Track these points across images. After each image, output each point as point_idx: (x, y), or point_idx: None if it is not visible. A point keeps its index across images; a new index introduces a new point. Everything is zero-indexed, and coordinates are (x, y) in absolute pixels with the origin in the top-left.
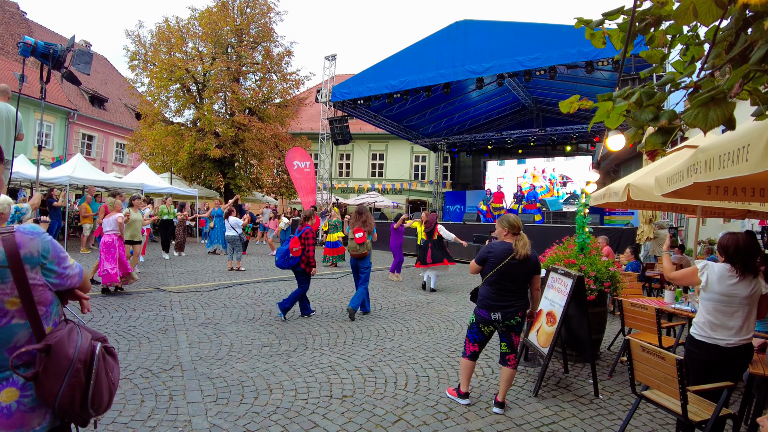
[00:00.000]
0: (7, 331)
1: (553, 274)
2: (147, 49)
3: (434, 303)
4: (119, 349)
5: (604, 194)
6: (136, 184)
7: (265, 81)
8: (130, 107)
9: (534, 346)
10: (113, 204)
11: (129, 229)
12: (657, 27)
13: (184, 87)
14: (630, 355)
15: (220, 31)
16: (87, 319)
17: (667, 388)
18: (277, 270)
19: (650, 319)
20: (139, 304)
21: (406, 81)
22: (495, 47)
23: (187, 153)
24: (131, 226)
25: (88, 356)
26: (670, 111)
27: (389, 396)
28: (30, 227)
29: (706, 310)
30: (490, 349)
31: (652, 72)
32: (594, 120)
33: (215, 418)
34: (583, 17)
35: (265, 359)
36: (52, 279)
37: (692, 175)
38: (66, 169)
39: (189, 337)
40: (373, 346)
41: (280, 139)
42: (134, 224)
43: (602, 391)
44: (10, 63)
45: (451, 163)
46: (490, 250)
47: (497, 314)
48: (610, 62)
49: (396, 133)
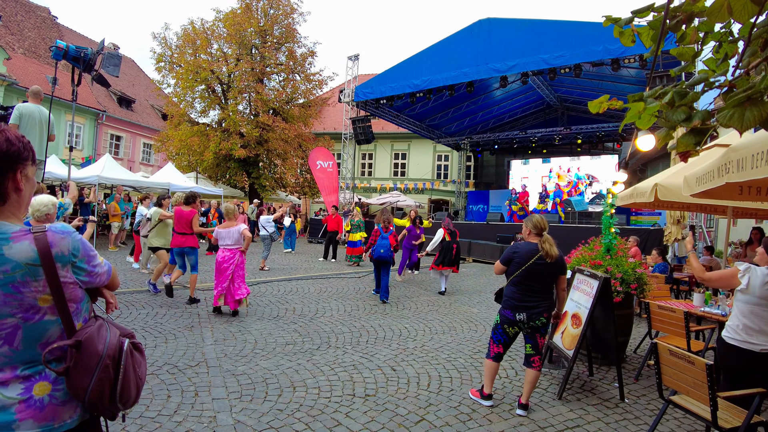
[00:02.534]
0: (40, 326)
1: (579, 276)
2: (173, 51)
3: (457, 303)
4: (146, 345)
5: (630, 194)
6: (163, 184)
7: (288, 81)
8: (156, 108)
9: (559, 348)
10: (231, 212)
11: (163, 234)
12: (689, 24)
13: (209, 88)
14: (657, 358)
15: (244, 32)
16: (115, 316)
17: (696, 393)
18: (300, 269)
19: (678, 322)
20: (166, 302)
21: (429, 80)
22: (519, 45)
23: (213, 153)
24: (164, 230)
25: (116, 352)
26: (704, 111)
27: (412, 396)
28: (61, 226)
29: (742, 314)
30: (514, 351)
31: (683, 70)
32: (625, 121)
33: (239, 414)
34: (611, 15)
35: (288, 357)
36: (82, 277)
37: (724, 174)
38: (95, 169)
39: (214, 334)
40: (396, 346)
41: (303, 139)
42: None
43: (628, 395)
44: (42, 66)
45: (474, 162)
46: (516, 250)
47: (522, 315)
48: (637, 59)
49: (418, 132)
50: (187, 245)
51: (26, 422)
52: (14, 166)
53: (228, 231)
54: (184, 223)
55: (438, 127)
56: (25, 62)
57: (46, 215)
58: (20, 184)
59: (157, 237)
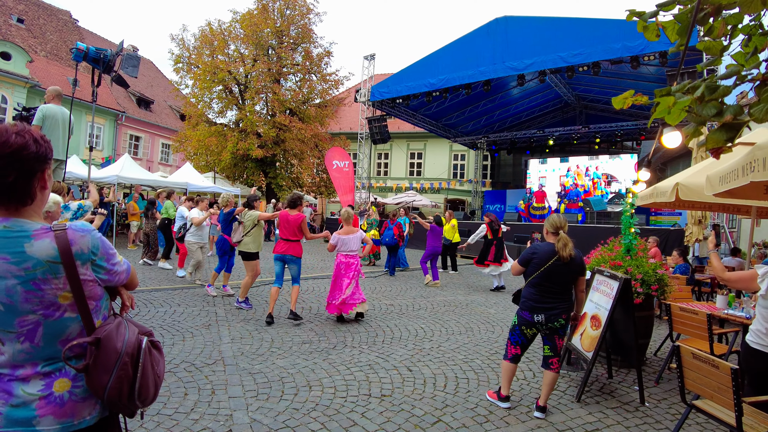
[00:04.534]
0: (61, 323)
1: (599, 277)
2: (191, 52)
3: (474, 304)
4: (164, 343)
5: (651, 193)
6: (181, 183)
7: (305, 82)
8: (174, 109)
9: (577, 350)
10: (350, 216)
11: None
12: (716, 17)
13: (227, 88)
14: (680, 362)
15: (260, 33)
16: (134, 314)
17: (720, 398)
18: (316, 268)
19: (701, 324)
20: (183, 300)
21: (446, 79)
22: (536, 43)
23: (230, 153)
24: (260, 235)
25: (135, 350)
26: (736, 106)
27: (428, 397)
28: (81, 224)
29: (764, 318)
30: (532, 353)
31: (711, 65)
32: (654, 116)
33: (256, 413)
34: (635, 9)
35: (304, 356)
36: (101, 275)
37: (748, 173)
38: (114, 169)
39: (231, 332)
40: (412, 346)
41: (319, 139)
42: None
43: (648, 398)
44: (63, 68)
45: (491, 161)
46: (535, 251)
47: (540, 316)
48: (657, 56)
49: (434, 131)
50: (291, 253)
51: (46, 418)
52: (42, 167)
53: (350, 237)
54: (291, 229)
55: (454, 126)
56: (47, 65)
57: (47, 212)
58: (47, 183)
59: (254, 242)
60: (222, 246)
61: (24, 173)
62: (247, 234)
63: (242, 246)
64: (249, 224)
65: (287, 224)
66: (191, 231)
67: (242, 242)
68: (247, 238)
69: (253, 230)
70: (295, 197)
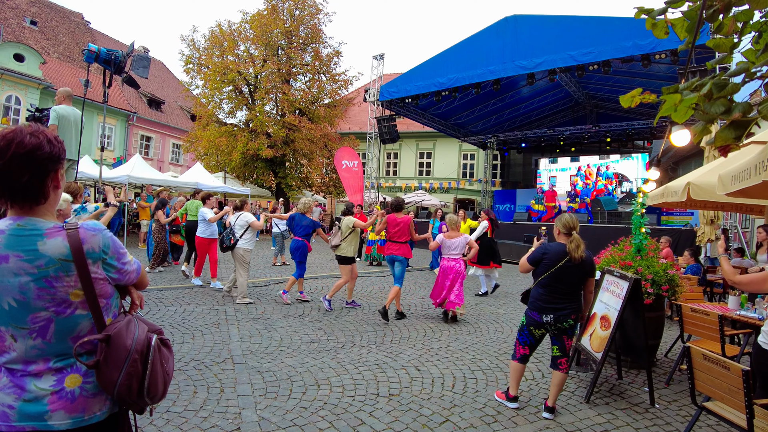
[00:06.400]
0: (72, 320)
1: (609, 277)
2: (201, 52)
3: (482, 304)
4: (174, 341)
5: (662, 193)
6: (191, 183)
7: (314, 82)
8: (185, 109)
9: (587, 351)
10: (454, 222)
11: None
12: (726, 13)
13: (237, 89)
14: (690, 363)
15: (270, 33)
16: (144, 312)
17: (732, 400)
18: (325, 267)
19: (712, 325)
20: (193, 299)
21: (455, 78)
22: (546, 42)
23: (240, 153)
24: (356, 240)
25: (144, 347)
26: (744, 103)
27: (436, 396)
28: (92, 224)
29: None
30: (541, 353)
31: (721, 62)
32: (660, 114)
33: (264, 411)
34: (643, 6)
35: (313, 355)
36: (112, 273)
37: (761, 172)
38: (125, 169)
39: (240, 331)
40: (420, 346)
41: (329, 138)
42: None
43: (659, 399)
44: (76, 70)
45: (501, 161)
46: (546, 251)
47: (549, 317)
48: (668, 54)
49: (444, 131)
50: (401, 254)
51: (58, 413)
52: (56, 167)
53: (454, 241)
54: (401, 231)
55: (464, 126)
56: (59, 66)
57: (58, 211)
58: (60, 183)
59: (350, 247)
60: (304, 252)
61: (38, 173)
62: (344, 239)
63: (339, 250)
64: (346, 230)
65: (397, 226)
66: (246, 237)
67: (339, 247)
68: (343, 243)
69: (350, 236)
70: (400, 201)
